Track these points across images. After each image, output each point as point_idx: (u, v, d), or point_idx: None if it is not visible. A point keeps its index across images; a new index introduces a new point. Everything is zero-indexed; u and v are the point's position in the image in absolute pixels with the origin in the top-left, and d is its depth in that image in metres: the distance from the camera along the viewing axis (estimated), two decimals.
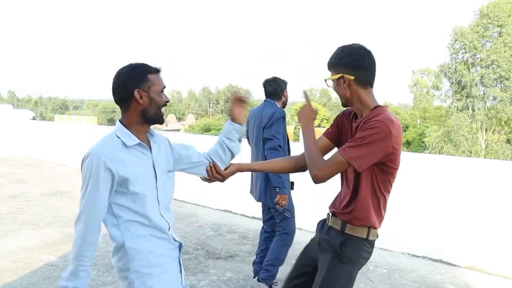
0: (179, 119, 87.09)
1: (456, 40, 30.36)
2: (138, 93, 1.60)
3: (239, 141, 1.98)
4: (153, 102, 1.63)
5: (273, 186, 3.20)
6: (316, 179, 1.77)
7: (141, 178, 1.59)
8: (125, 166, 1.56)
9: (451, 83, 31.71)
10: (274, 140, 3.20)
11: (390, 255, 4.42)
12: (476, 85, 29.77)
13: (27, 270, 3.83)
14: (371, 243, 1.85)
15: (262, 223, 3.69)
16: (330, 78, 1.85)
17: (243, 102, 1.97)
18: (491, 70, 29.04)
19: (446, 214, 4.27)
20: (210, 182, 1.96)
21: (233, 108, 1.95)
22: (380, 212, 1.83)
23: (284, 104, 3.49)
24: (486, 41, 30.08)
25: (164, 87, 1.68)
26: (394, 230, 4.33)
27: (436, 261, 4.29)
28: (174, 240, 1.71)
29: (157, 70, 1.66)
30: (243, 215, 5.87)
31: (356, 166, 1.70)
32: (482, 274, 4.00)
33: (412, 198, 4.45)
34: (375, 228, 1.83)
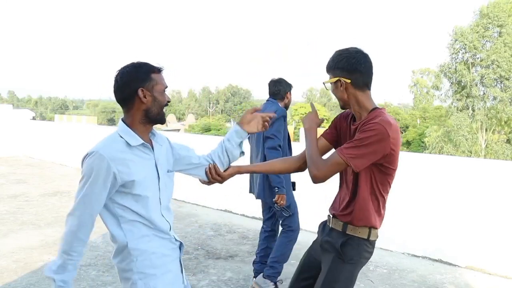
0: (179, 119, 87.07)
1: (456, 40, 30.38)
2: (142, 92, 1.59)
3: (239, 147, 1.93)
4: (156, 101, 1.62)
5: (272, 186, 3.21)
6: (315, 179, 1.81)
7: (144, 180, 1.59)
8: (128, 168, 1.55)
9: (451, 83, 31.73)
10: (274, 139, 3.22)
11: (390, 255, 4.42)
12: (476, 85, 29.79)
13: (27, 270, 3.83)
14: (372, 243, 1.88)
15: (262, 223, 3.69)
16: (328, 82, 1.90)
17: (264, 123, 1.92)
18: (491, 70, 29.05)
19: (446, 214, 4.27)
20: (209, 184, 1.95)
21: (248, 115, 1.91)
22: (380, 212, 1.86)
23: (286, 106, 3.50)
24: (486, 41, 30.11)
25: (166, 87, 1.67)
26: (394, 230, 4.33)
27: (436, 261, 4.29)
28: (175, 240, 1.71)
29: (159, 70, 1.65)
30: (243, 215, 5.88)
31: (353, 166, 1.73)
32: (482, 274, 4.00)
33: (412, 198, 4.45)
34: (376, 228, 1.86)
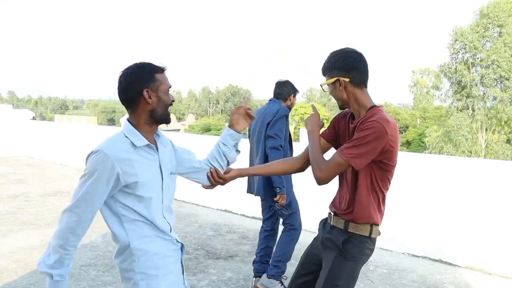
0: (179, 119, 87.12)
1: (456, 40, 30.39)
2: (147, 93, 1.59)
3: (235, 148, 1.97)
4: (161, 101, 1.62)
5: (274, 186, 3.23)
6: (319, 181, 1.84)
7: (148, 181, 1.59)
8: (133, 169, 1.55)
9: (451, 83, 31.75)
10: (276, 139, 3.24)
11: (390, 255, 4.42)
12: (476, 85, 29.80)
13: (27, 270, 3.83)
14: (373, 240, 1.91)
15: (261, 223, 3.69)
16: (326, 83, 1.92)
17: (249, 115, 1.96)
18: (491, 70, 29.06)
19: (446, 214, 4.27)
20: (212, 188, 1.98)
21: (234, 115, 1.95)
22: (380, 208, 1.89)
23: (289, 108, 3.53)
24: (486, 41, 30.11)
25: (170, 86, 1.68)
26: (394, 230, 4.33)
27: (436, 261, 4.30)
28: (177, 241, 1.71)
29: (163, 69, 1.66)
30: (243, 215, 5.88)
31: (354, 166, 1.77)
32: (482, 274, 4.00)
33: (412, 198, 4.45)
34: (377, 225, 1.89)
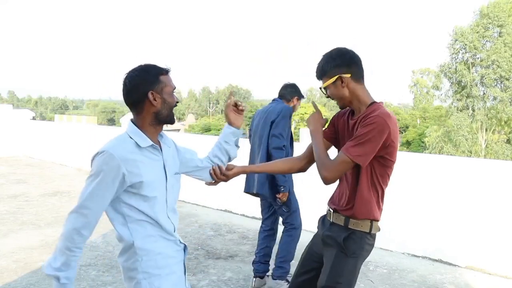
0: (179, 119, 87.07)
1: (456, 40, 30.37)
2: (152, 95, 1.60)
3: (236, 144, 2.00)
4: (166, 103, 1.63)
5: (278, 184, 3.24)
6: (325, 180, 1.83)
7: (152, 181, 1.60)
8: (138, 169, 1.56)
9: (451, 83, 31.73)
10: (280, 139, 3.25)
11: (390, 255, 4.42)
12: (476, 85, 29.78)
13: (27, 270, 3.83)
14: (373, 236, 1.92)
15: (261, 223, 3.69)
16: (328, 82, 1.89)
17: (240, 109, 1.98)
18: (491, 70, 29.04)
19: (446, 214, 4.27)
20: (215, 184, 2.00)
21: (229, 114, 1.97)
22: (379, 204, 1.90)
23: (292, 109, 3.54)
24: (486, 41, 30.09)
25: (174, 88, 1.69)
26: (394, 230, 4.34)
27: (436, 261, 4.29)
28: (180, 242, 1.72)
29: (167, 71, 1.66)
30: (243, 215, 5.88)
31: (360, 163, 1.77)
32: (482, 274, 4.00)
33: (412, 198, 4.45)
34: (377, 220, 1.90)
